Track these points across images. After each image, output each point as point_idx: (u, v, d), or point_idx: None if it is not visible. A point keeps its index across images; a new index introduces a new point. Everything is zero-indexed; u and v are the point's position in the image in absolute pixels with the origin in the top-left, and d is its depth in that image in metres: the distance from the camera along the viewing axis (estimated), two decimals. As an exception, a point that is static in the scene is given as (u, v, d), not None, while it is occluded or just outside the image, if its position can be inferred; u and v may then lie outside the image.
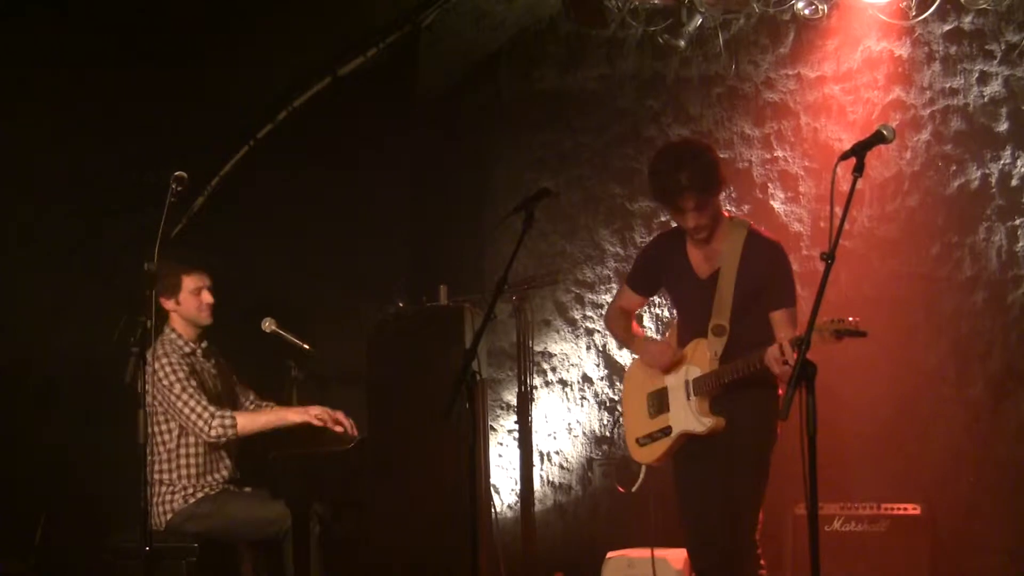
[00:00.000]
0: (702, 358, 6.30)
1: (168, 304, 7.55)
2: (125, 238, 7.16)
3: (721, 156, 9.17)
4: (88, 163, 7.57)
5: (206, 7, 7.60)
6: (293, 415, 7.52)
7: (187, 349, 7.58)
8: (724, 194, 6.52)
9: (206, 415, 7.31)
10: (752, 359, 6.03)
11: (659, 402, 6.52)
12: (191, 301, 7.58)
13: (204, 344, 7.72)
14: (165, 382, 7.35)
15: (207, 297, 7.63)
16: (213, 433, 7.32)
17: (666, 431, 6.45)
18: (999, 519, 8.62)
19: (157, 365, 7.37)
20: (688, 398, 6.34)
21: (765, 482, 6.34)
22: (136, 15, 7.38)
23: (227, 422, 7.33)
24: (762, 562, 6.37)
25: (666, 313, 9.33)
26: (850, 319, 5.63)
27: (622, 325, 6.92)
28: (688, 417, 6.33)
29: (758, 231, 6.50)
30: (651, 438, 6.52)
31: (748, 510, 6.31)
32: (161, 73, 7.75)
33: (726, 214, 6.52)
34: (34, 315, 7.53)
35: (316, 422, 7.48)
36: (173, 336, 7.57)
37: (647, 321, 9.41)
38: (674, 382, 6.43)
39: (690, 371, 6.37)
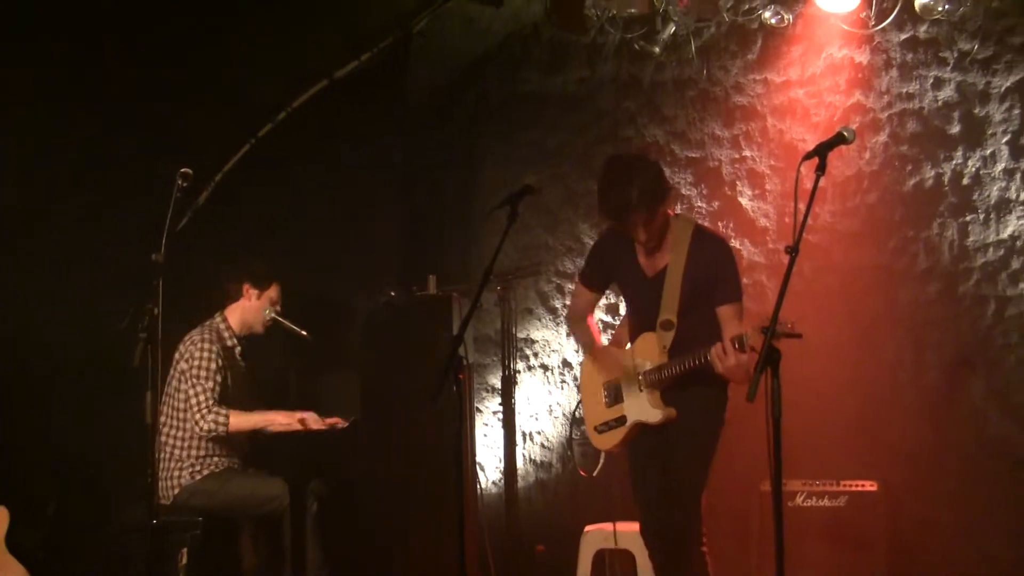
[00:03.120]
0: (651, 352, 6.29)
1: (250, 292, 7.65)
2: (129, 230, 7.14)
3: (692, 155, 9.30)
4: (95, 158, 7.55)
5: (211, 13, 7.59)
6: (281, 418, 7.54)
7: (230, 343, 7.61)
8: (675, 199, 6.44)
9: (204, 408, 7.34)
10: (698, 355, 6.04)
11: (614, 392, 6.51)
12: (266, 304, 7.75)
13: (244, 342, 7.75)
14: (195, 361, 7.37)
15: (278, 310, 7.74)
16: (205, 426, 7.34)
17: (621, 420, 6.45)
18: (951, 496, 8.66)
19: (200, 346, 7.43)
20: (640, 390, 6.33)
21: (708, 472, 6.35)
22: (148, 19, 7.37)
23: (220, 419, 7.36)
24: (704, 539, 6.36)
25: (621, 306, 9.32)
26: (789, 324, 5.64)
27: (583, 329, 6.88)
28: (642, 408, 6.33)
29: (703, 228, 6.48)
30: (608, 426, 6.52)
31: (691, 498, 6.31)
32: (168, 74, 7.74)
33: (670, 212, 6.43)
34: (43, 302, 7.51)
35: (300, 426, 7.49)
36: (222, 326, 7.61)
37: (601, 313, 9.41)
38: (627, 373, 6.42)
39: (641, 364, 6.35)
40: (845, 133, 5.33)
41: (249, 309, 7.69)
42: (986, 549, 8.46)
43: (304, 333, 7.99)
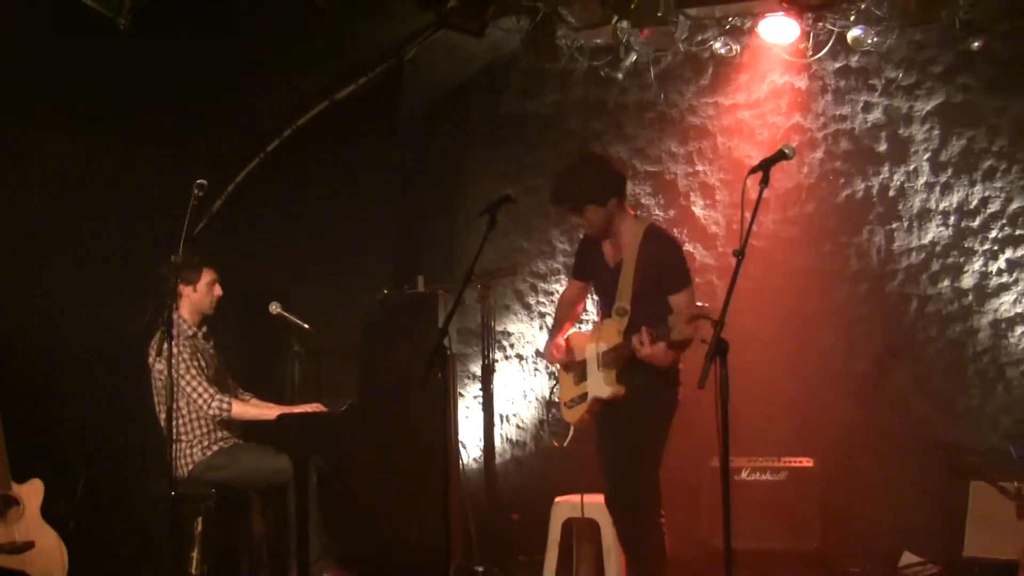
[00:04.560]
0: (609, 335, 6.23)
1: (186, 290, 7.50)
2: (154, 236, 7.12)
3: (651, 169, 9.28)
4: (124, 172, 7.53)
5: (228, 46, 7.57)
6: (275, 412, 7.49)
7: (190, 332, 7.52)
8: (626, 196, 6.39)
9: (207, 395, 7.30)
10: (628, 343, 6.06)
11: (581, 372, 6.42)
12: (205, 292, 7.54)
13: (204, 329, 7.68)
14: (174, 361, 7.33)
15: (218, 290, 7.60)
16: (212, 412, 7.31)
17: (583, 397, 6.38)
18: (878, 471, 8.71)
19: (166, 345, 7.37)
20: (599, 368, 6.30)
21: (662, 445, 6.27)
22: (175, 52, 7.35)
23: (224, 406, 7.33)
24: (662, 511, 6.29)
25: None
26: (705, 306, 5.77)
27: (559, 316, 6.79)
28: (598, 385, 6.27)
29: (656, 227, 6.41)
30: (575, 402, 6.45)
31: (646, 469, 6.24)
32: (188, 98, 7.71)
33: (632, 212, 6.38)
34: (77, 302, 7.49)
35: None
36: (179, 320, 7.53)
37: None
38: (590, 355, 6.36)
39: (600, 346, 6.31)
40: (786, 150, 5.30)
41: (193, 301, 7.57)
42: (908, 518, 8.52)
43: (307, 326, 7.96)
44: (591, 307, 9.25)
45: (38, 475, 6.90)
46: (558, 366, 6.67)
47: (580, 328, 6.91)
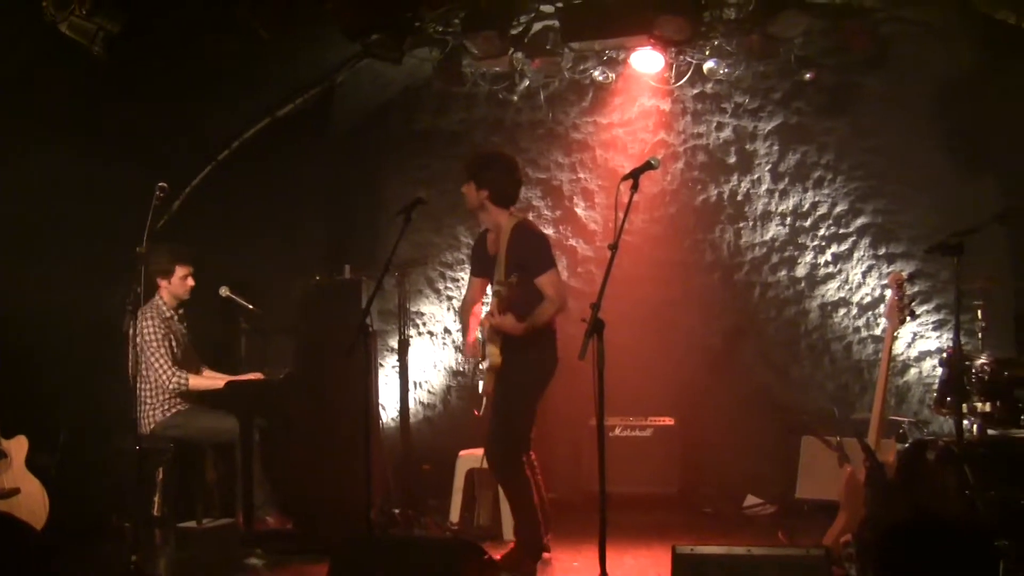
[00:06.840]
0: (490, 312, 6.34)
1: (162, 283, 7.54)
2: (123, 230, 7.07)
3: (541, 177, 9.34)
4: (99, 176, 7.47)
5: (186, 68, 7.53)
6: (223, 382, 7.50)
7: (168, 314, 7.54)
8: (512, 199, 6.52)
9: (168, 372, 7.33)
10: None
11: (484, 348, 6.54)
12: (179, 284, 7.61)
13: (181, 311, 7.70)
14: (147, 337, 7.32)
15: (190, 282, 7.66)
16: (171, 386, 7.33)
17: (484, 369, 6.50)
18: (728, 428, 8.85)
19: (144, 323, 7.34)
20: (488, 342, 6.37)
21: (525, 413, 6.39)
22: (139, 75, 7.32)
23: (182, 380, 7.37)
24: (533, 457, 6.48)
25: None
26: (513, 278, 6.00)
27: (463, 320, 6.87)
28: (488, 357, 6.36)
29: (523, 223, 6.51)
30: (483, 374, 6.54)
31: (513, 422, 6.36)
32: (153, 113, 7.66)
33: (509, 212, 6.49)
34: (59, 285, 7.42)
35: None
36: (160, 303, 7.53)
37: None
38: (482, 332, 6.46)
39: (485, 323, 6.41)
40: (652, 161, 5.41)
41: (171, 288, 7.61)
42: (753, 467, 8.69)
43: (252, 307, 7.96)
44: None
45: (23, 432, 6.88)
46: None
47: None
